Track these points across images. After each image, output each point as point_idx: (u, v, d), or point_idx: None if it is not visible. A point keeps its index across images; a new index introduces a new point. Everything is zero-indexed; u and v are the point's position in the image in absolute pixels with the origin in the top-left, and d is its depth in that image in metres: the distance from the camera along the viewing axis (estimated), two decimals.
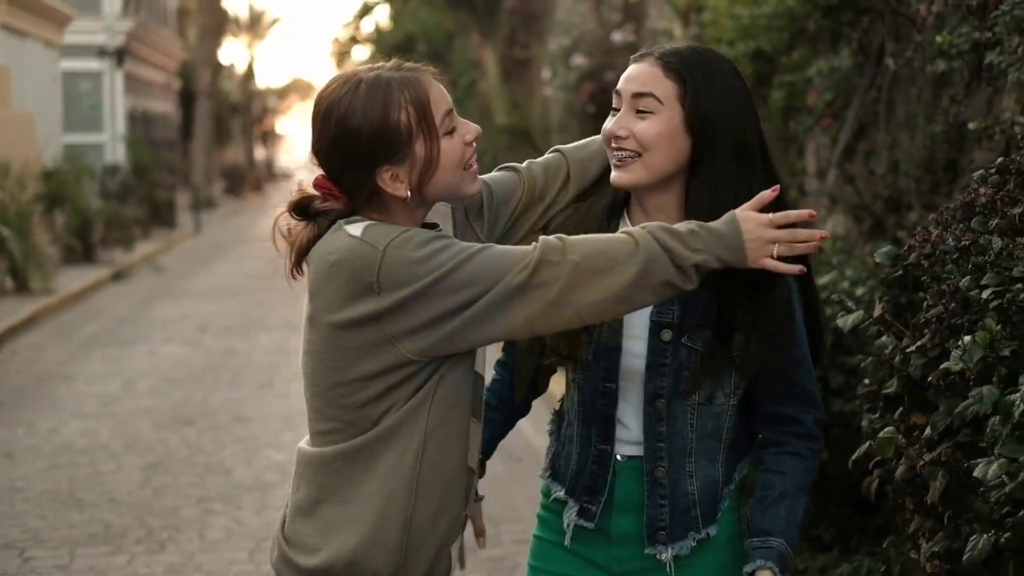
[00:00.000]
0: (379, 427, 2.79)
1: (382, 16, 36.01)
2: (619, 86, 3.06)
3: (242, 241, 32.05)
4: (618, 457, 3.10)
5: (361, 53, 41.36)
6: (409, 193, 2.79)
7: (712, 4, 10.19)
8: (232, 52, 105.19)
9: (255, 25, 76.72)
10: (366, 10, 29.64)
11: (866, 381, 4.29)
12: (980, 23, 6.23)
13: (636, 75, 3.03)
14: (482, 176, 3.01)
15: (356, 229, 2.75)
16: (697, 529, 3.07)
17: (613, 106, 3.07)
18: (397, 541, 2.78)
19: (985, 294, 3.48)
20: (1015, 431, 3.01)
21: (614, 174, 3.02)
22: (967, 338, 3.36)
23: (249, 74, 74.82)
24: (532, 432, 7.80)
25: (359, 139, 2.75)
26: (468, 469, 2.91)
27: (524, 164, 3.20)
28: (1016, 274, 3.47)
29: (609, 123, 3.04)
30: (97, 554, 7.05)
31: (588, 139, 3.26)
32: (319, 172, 2.85)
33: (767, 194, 2.78)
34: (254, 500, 7.99)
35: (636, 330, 3.05)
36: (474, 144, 2.86)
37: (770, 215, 2.73)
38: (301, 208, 2.85)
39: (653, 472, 3.06)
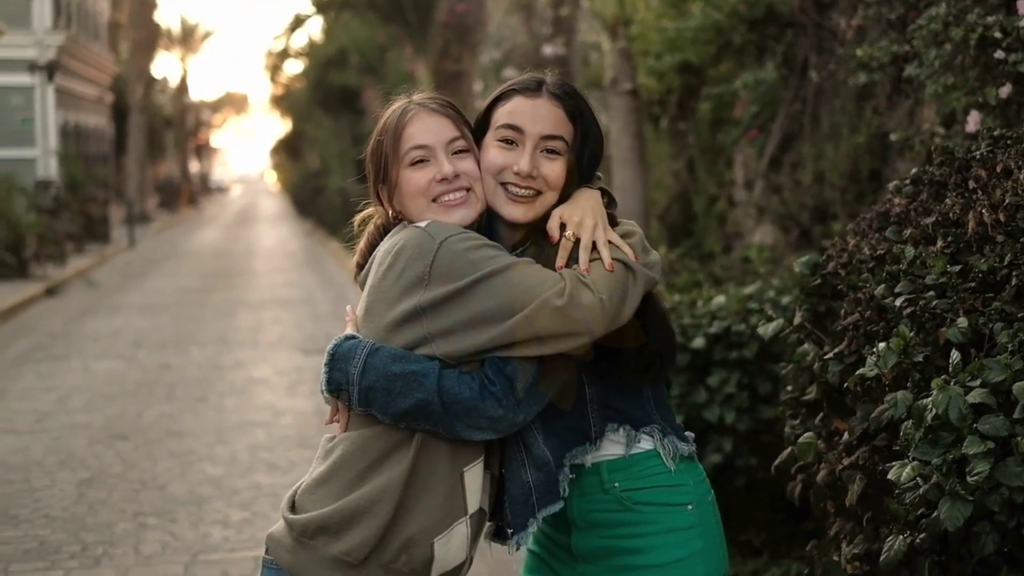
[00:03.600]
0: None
1: (315, 29, 35.99)
2: (521, 123, 3.09)
3: (176, 255, 31.85)
4: None
5: (294, 66, 41.28)
6: (389, 212, 3.11)
7: (640, 17, 10.31)
8: (165, 65, 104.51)
9: (188, 38, 76.31)
10: (298, 22, 29.52)
11: (788, 388, 4.39)
12: (899, 36, 6.36)
13: (544, 115, 3.10)
14: None
15: (422, 223, 2.99)
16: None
17: (508, 139, 3.09)
18: (378, 528, 2.93)
19: (899, 302, 3.57)
20: (928, 434, 3.09)
21: (513, 209, 3.09)
22: (882, 344, 3.46)
23: (182, 87, 74.41)
24: None
25: (369, 157, 3.14)
26: (459, 476, 3.01)
27: None
28: (928, 282, 3.57)
29: (509, 157, 3.08)
30: (32, 570, 7.02)
31: None
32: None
33: None
34: (189, 514, 7.98)
35: None
36: (450, 182, 3.03)
37: None
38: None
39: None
